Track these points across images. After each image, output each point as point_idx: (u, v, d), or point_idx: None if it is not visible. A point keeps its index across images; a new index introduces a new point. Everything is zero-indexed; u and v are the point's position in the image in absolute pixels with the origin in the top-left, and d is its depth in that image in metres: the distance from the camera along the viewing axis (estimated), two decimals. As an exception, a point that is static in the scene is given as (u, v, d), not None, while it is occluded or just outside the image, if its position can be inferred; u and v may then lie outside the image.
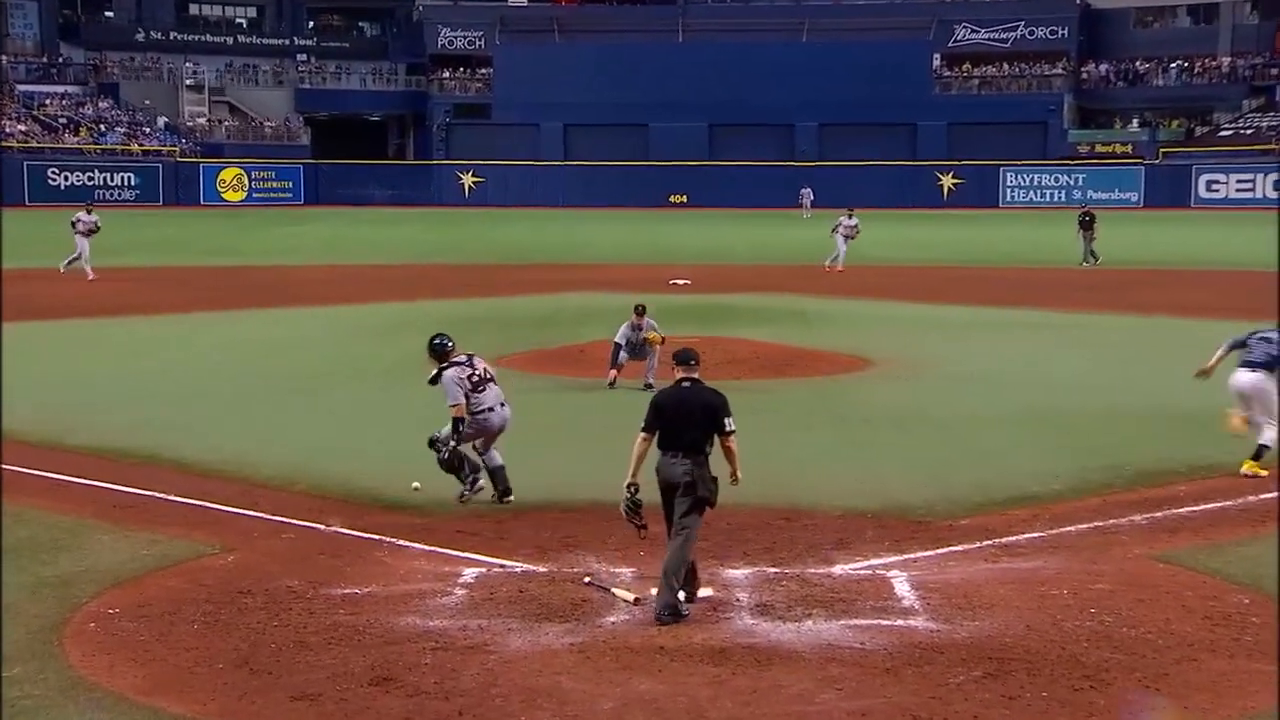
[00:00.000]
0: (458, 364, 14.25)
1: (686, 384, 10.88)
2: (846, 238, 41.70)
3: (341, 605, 10.79)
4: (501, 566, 11.84)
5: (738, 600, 10.92)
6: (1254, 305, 31.45)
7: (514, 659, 9.66)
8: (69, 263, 37.50)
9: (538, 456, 15.74)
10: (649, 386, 20.43)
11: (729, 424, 10.68)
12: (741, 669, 9.46)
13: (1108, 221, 46.76)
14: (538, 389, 21.07)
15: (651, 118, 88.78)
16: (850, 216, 42.31)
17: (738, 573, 11.60)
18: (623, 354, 20.88)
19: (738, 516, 12.91)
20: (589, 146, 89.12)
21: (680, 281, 36.68)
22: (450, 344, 14.47)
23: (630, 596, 10.86)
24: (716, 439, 10.72)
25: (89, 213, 38.98)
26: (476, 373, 14.25)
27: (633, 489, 10.82)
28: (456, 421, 14.02)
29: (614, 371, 20.80)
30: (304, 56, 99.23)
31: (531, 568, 11.81)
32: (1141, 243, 53.30)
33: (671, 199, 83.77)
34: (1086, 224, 44.02)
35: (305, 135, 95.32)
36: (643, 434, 10.77)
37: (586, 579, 11.36)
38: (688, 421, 10.66)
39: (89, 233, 38.01)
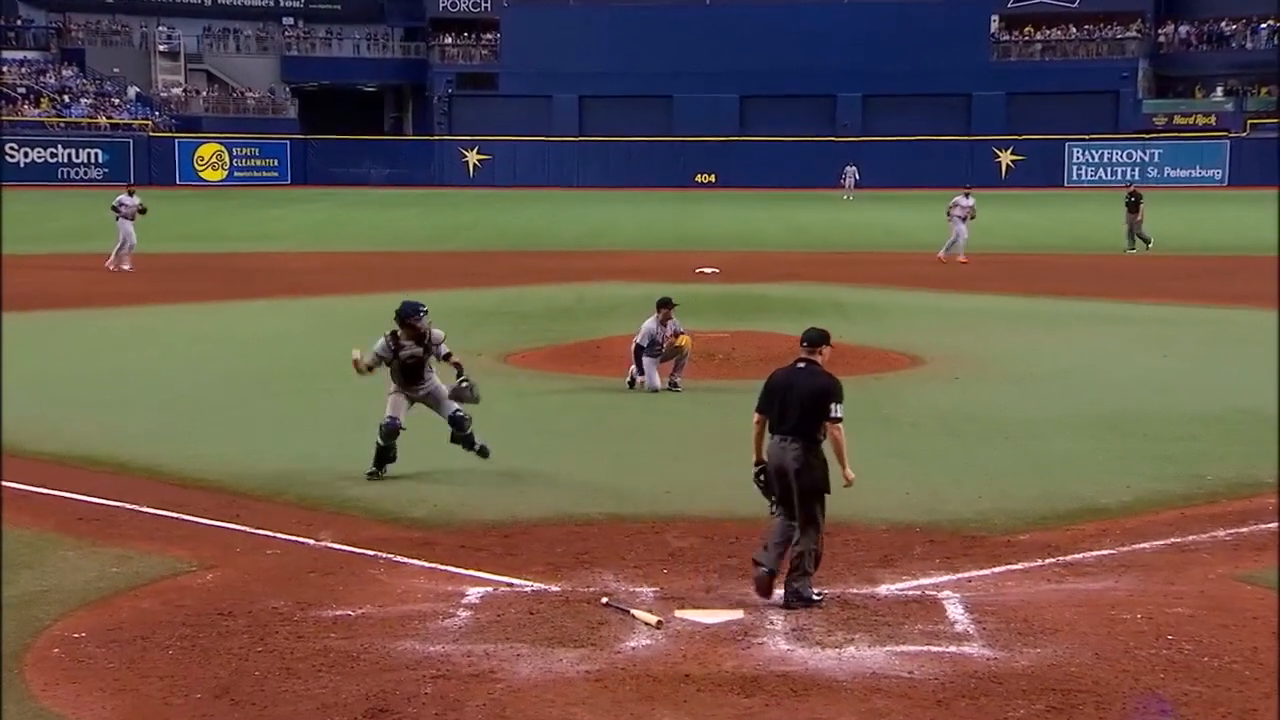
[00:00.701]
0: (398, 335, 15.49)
1: (802, 364, 11.47)
2: (964, 219, 40.75)
3: (333, 628, 10.82)
4: (510, 585, 11.85)
5: (771, 624, 10.91)
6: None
7: (523, 688, 9.67)
8: (117, 253, 37.41)
9: (551, 464, 15.77)
10: (674, 386, 20.46)
11: (835, 410, 11.14)
12: (775, 700, 9.45)
13: (1187, 201, 46.63)
14: (550, 390, 21.15)
15: (676, 88, 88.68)
16: (967, 196, 41.61)
17: (773, 594, 11.58)
18: (645, 359, 20.45)
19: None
20: (607, 120, 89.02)
21: (708, 270, 36.70)
22: (420, 311, 15.51)
23: (652, 619, 10.86)
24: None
25: (131, 194, 38.38)
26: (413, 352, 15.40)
27: (758, 471, 11.46)
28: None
29: (636, 373, 20.60)
30: (291, 20, 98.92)
31: (543, 587, 11.81)
32: (1224, 226, 53.03)
33: (698, 178, 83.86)
34: (1133, 205, 43.99)
35: (292, 108, 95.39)
36: (757, 414, 11.33)
37: (604, 600, 11.36)
38: (795, 404, 11.20)
39: (133, 216, 37.47)
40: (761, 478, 11.46)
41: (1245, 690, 9.63)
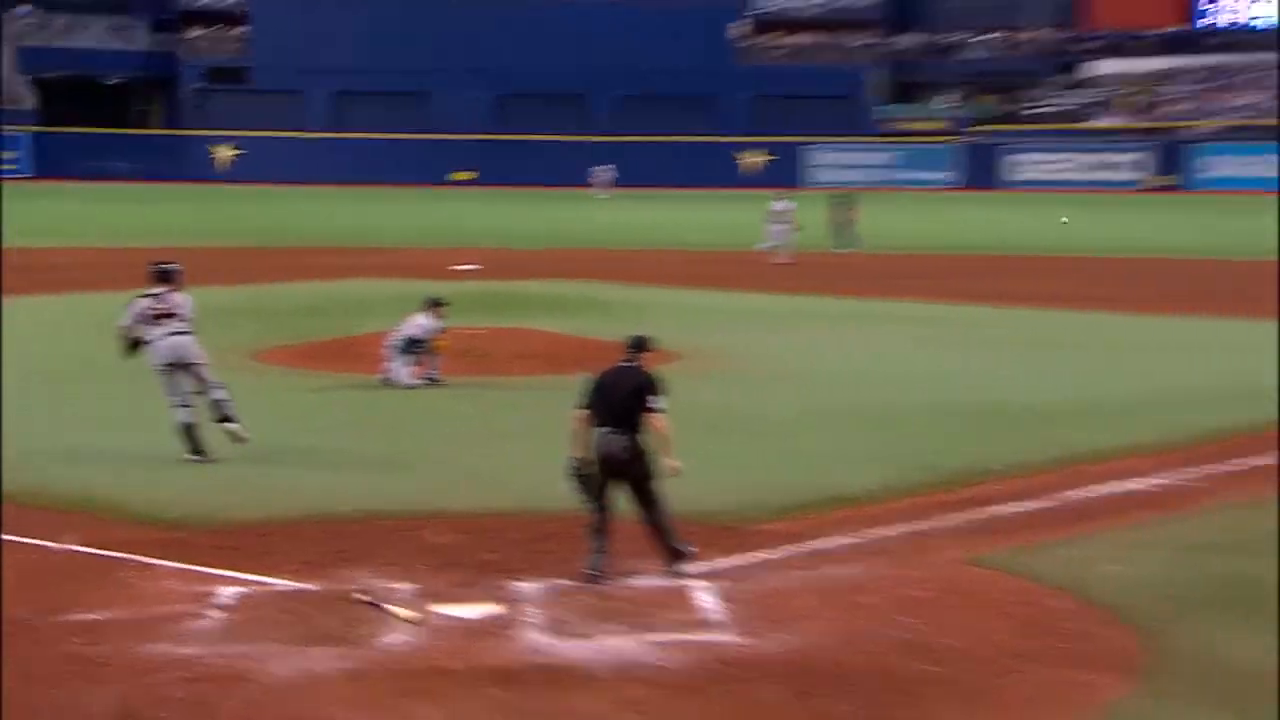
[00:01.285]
0: (152, 295, 15.63)
1: (625, 364, 12.00)
2: (781, 224, 41.21)
3: (77, 634, 10.43)
4: (265, 585, 11.60)
5: (528, 617, 10.85)
6: (1093, 293, 32.58)
7: (279, 688, 9.50)
8: None
9: (306, 463, 15.52)
10: (433, 380, 20.28)
11: (656, 401, 11.63)
12: (532, 692, 9.43)
13: (923, 202, 47.71)
14: (304, 387, 20.84)
15: (433, 84, 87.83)
16: (779, 200, 42.14)
17: (528, 586, 11.53)
18: (400, 357, 20.31)
19: (530, 526, 12.93)
20: (363, 116, 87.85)
21: (466, 267, 36.46)
22: (171, 269, 15.91)
23: (410, 615, 10.76)
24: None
25: None
26: (161, 308, 15.51)
27: (577, 464, 11.68)
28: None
29: (391, 370, 20.42)
30: (28, 7, 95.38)
31: (299, 585, 11.60)
32: (950, 226, 54.45)
33: (456, 176, 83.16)
34: (844, 207, 44.58)
35: (31, 99, 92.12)
36: (579, 411, 11.74)
37: (361, 597, 11.20)
38: (620, 399, 11.64)
39: None
40: (582, 474, 11.66)
41: (978, 669, 9.89)
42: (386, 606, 10.92)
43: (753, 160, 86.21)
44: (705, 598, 11.32)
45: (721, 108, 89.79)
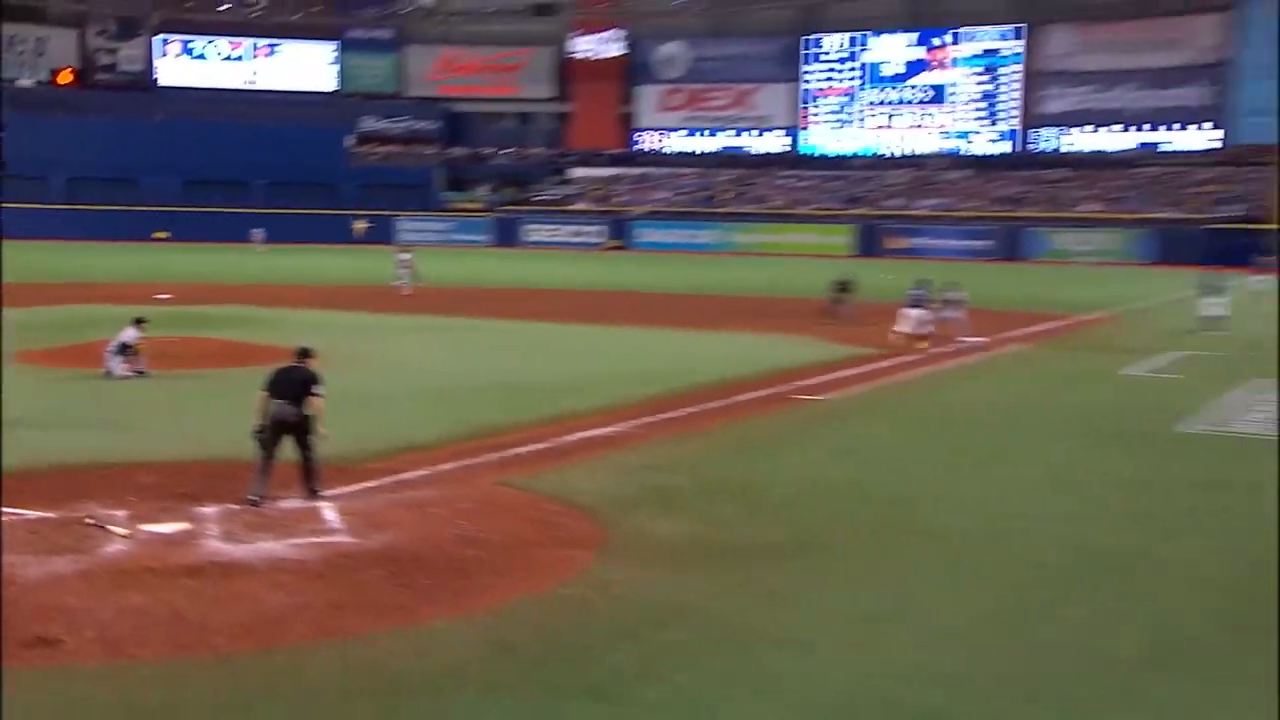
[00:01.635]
0: None
1: (296, 364, 11.66)
2: (405, 269, 39.05)
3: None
4: (19, 515, 10.53)
5: (209, 531, 10.29)
6: (573, 312, 33.22)
7: (31, 585, 8.72)
8: None
9: (49, 429, 14.26)
10: (140, 373, 18.95)
11: (317, 389, 11.44)
12: (212, 581, 8.96)
13: (470, 256, 47.64)
14: (47, 378, 19.07)
15: (139, 173, 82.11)
16: (405, 252, 40.07)
17: (210, 510, 10.91)
18: (116, 357, 18.84)
19: (210, 469, 12.27)
20: (90, 194, 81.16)
21: (164, 296, 34.13)
22: None
23: (123, 531, 10.04)
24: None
25: None
26: None
27: (259, 428, 11.26)
28: None
29: (110, 366, 18.93)
30: None
31: (44, 514, 10.60)
32: (488, 270, 54.63)
33: (157, 234, 77.85)
34: (406, 249, 43.58)
35: None
36: (263, 392, 11.39)
37: (89, 521, 10.37)
38: (292, 384, 11.33)
39: None
40: (262, 433, 11.27)
41: (505, 552, 9.87)
42: (108, 527, 10.17)
43: (360, 225, 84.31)
44: (330, 514, 10.99)
45: (340, 191, 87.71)
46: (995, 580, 9.21)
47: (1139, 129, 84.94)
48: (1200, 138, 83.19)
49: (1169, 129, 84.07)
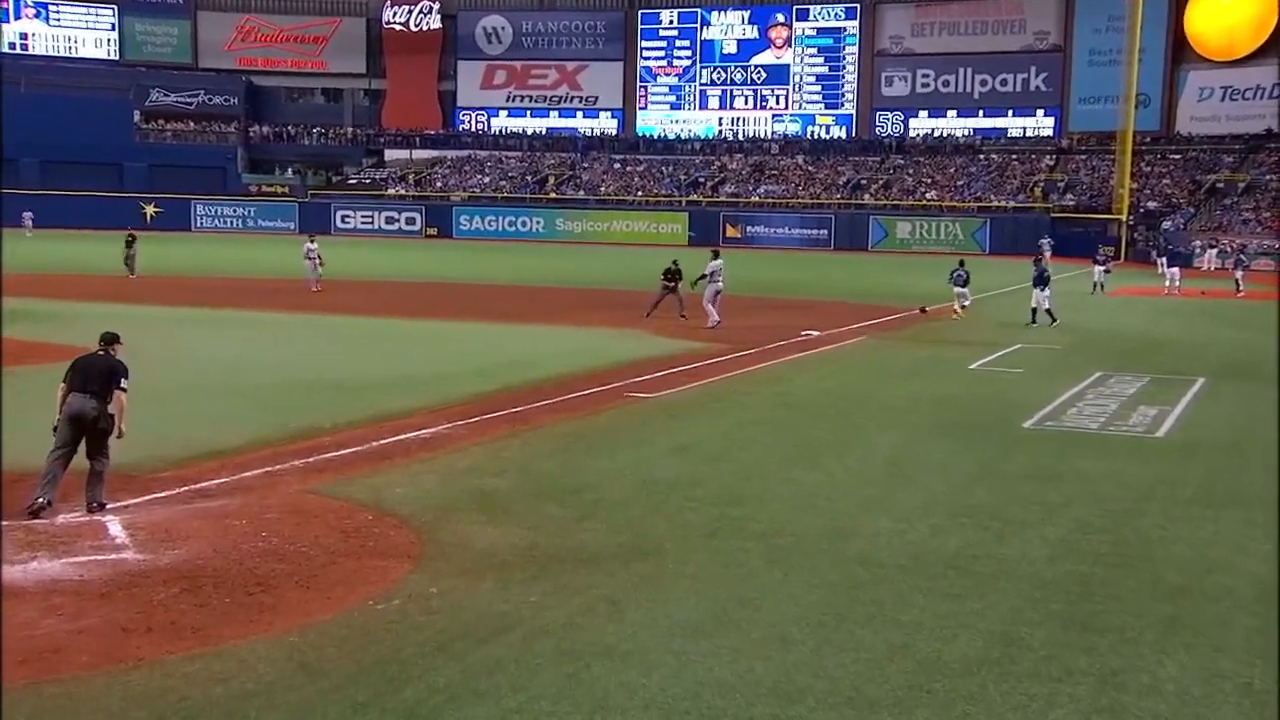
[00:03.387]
0: None
1: (100, 353, 11.36)
2: (312, 258, 37.71)
3: None
4: None
5: (-27, 551, 9.78)
6: (392, 306, 32.74)
7: None
8: None
9: None
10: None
11: (123, 383, 11.18)
12: (-24, 608, 8.51)
13: (275, 244, 46.44)
14: None
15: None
16: (312, 240, 38.81)
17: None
18: None
19: (-28, 482, 11.65)
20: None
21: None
22: None
23: None
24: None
25: None
26: None
27: (57, 421, 11.09)
28: None
29: None
30: None
31: None
32: (294, 261, 53.38)
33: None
34: (130, 243, 41.82)
35: None
36: (63, 384, 11.11)
37: None
38: (96, 376, 10.96)
39: None
40: (57, 426, 10.99)
41: (310, 563, 9.71)
42: None
43: (154, 211, 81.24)
44: (115, 529, 10.60)
45: (126, 172, 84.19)
46: (828, 582, 9.51)
47: (979, 115, 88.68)
48: (1039, 124, 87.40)
49: (1010, 115, 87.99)
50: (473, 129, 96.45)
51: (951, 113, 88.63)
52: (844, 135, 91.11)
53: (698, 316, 28.84)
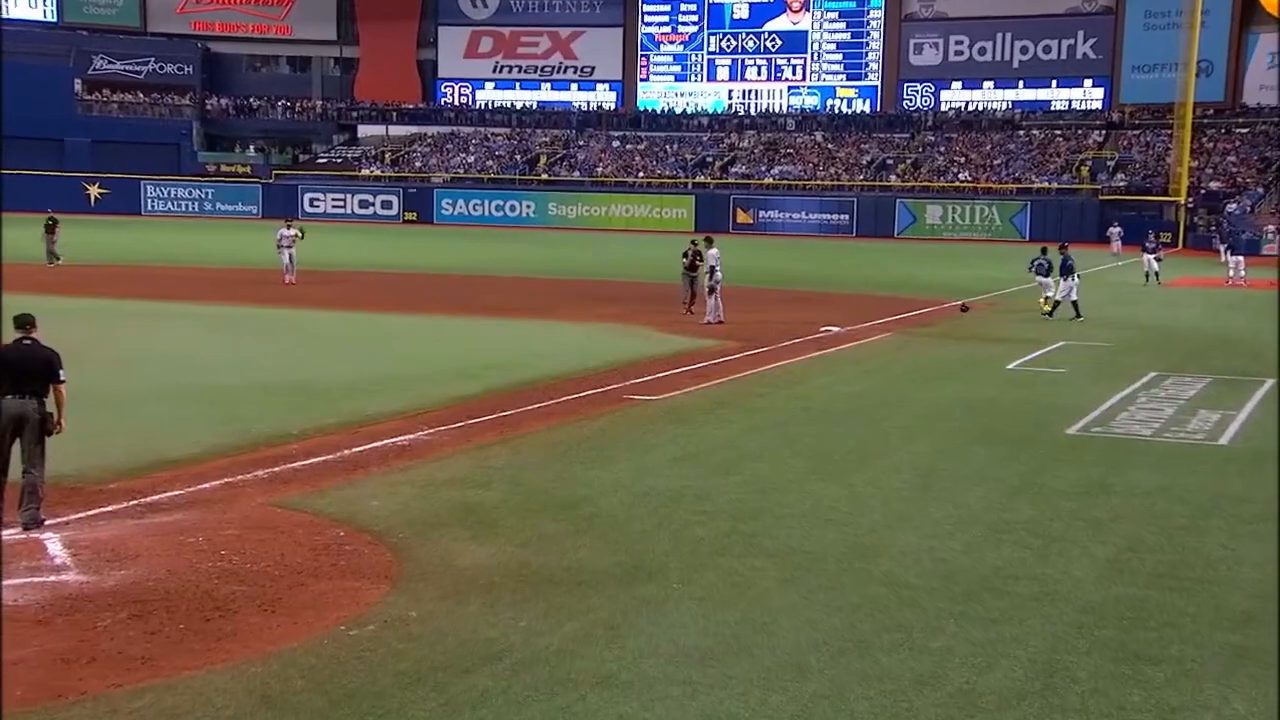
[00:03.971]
0: None
1: (27, 342, 11.18)
2: (288, 247, 37.53)
3: None
4: None
5: (-102, 572, 9.78)
6: (367, 300, 32.80)
7: None
8: None
9: None
10: None
11: (62, 374, 11.14)
12: (-98, 634, 8.50)
13: (237, 229, 46.56)
14: None
15: None
16: (289, 226, 38.81)
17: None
18: None
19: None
20: None
21: None
22: None
23: None
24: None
25: None
26: None
27: None
28: None
29: None
30: None
31: None
32: (261, 249, 53.43)
33: None
34: (50, 228, 41.85)
35: None
36: None
37: None
38: (31, 371, 10.91)
39: None
40: None
41: (275, 585, 9.79)
42: None
43: (99, 192, 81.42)
44: (55, 547, 10.60)
45: (67, 148, 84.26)
46: (850, 605, 9.51)
47: (1019, 86, 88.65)
48: (1086, 95, 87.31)
49: (1054, 86, 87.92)
50: (455, 102, 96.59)
51: (988, 84, 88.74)
52: (868, 110, 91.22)
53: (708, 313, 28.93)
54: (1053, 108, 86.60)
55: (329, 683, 7.91)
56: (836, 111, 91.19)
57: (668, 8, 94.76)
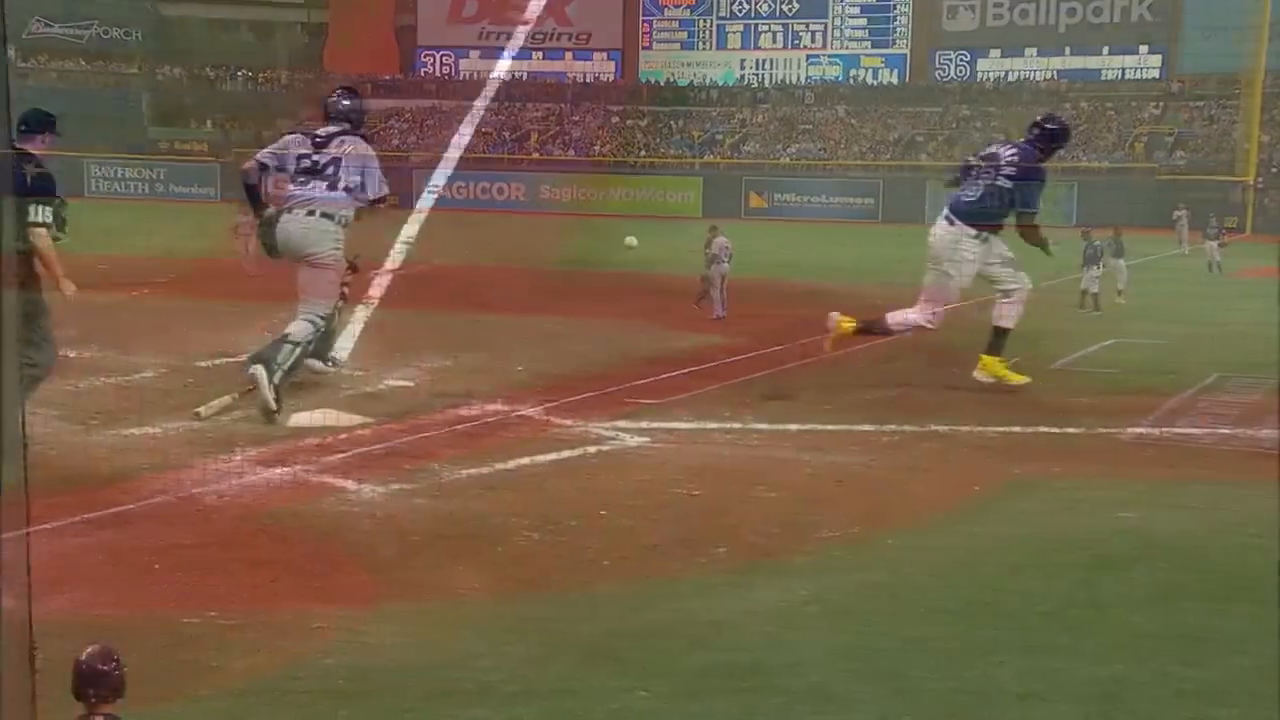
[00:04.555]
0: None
1: None
2: (246, 233, 37.48)
3: None
4: None
5: None
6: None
7: None
8: None
9: None
10: None
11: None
12: None
13: (195, 213, 46.19)
14: None
15: None
16: (245, 212, 38.79)
17: None
18: None
19: None
20: None
21: None
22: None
23: None
24: None
25: None
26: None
27: None
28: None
29: None
30: None
31: None
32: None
33: None
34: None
35: None
36: None
37: None
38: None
39: None
40: None
41: (268, 610, 9.74)
42: None
43: (34, 171, 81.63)
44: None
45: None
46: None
47: (1065, 53, 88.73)
48: (1142, 63, 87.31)
49: (1105, 53, 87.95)
50: (437, 73, 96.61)
51: (1030, 51, 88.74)
52: (895, 81, 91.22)
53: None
54: (1103, 77, 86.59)
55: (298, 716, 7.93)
56: (860, 83, 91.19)
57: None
